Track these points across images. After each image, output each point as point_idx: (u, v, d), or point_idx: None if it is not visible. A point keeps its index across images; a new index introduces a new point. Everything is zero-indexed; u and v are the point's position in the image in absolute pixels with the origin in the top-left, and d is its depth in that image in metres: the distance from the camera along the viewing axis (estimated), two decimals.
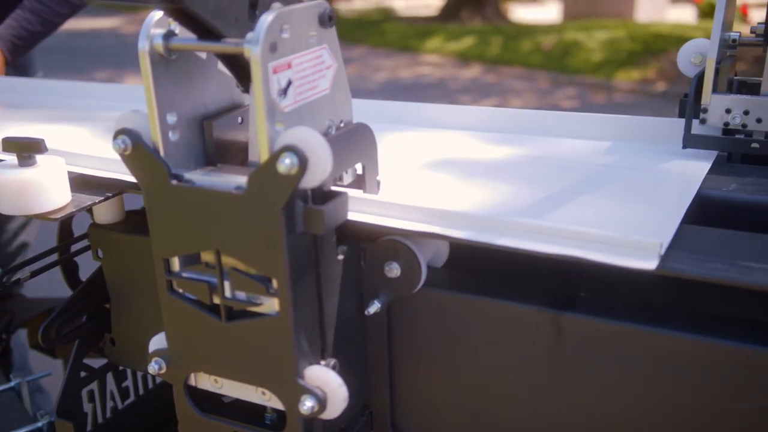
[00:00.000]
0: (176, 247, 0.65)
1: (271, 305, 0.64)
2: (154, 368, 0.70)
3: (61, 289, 1.04)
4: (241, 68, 0.65)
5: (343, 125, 0.69)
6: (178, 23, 0.62)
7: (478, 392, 0.75)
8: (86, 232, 0.91)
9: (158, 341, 0.71)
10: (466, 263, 0.77)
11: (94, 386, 0.97)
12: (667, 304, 0.68)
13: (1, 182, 0.75)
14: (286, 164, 0.57)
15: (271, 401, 0.68)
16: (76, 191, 0.81)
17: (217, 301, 0.65)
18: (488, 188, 0.80)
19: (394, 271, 0.71)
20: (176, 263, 0.66)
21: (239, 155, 0.70)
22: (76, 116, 1.17)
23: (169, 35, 0.61)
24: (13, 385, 1.13)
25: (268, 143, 0.59)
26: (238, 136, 0.70)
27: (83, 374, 0.95)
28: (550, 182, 0.81)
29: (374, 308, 0.72)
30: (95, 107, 1.25)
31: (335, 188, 0.65)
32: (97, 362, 0.98)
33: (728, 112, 0.85)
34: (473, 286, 0.73)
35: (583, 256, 0.62)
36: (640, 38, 7.77)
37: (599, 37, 7.97)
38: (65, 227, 1.01)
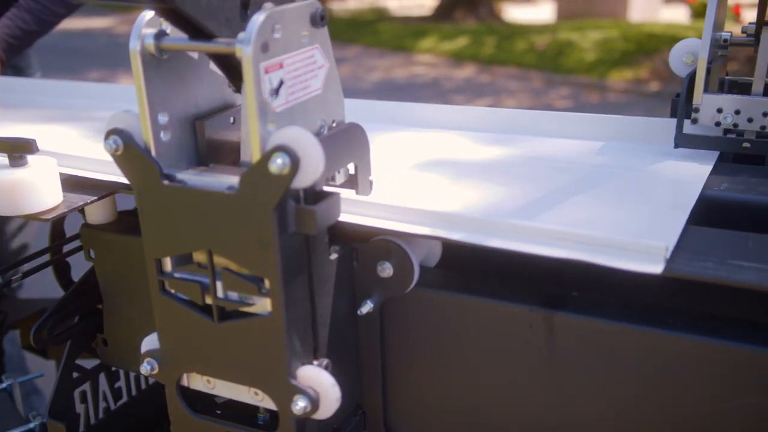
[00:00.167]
0: (168, 247, 0.65)
1: (263, 305, 0.64)
2: (146, 369, 0.70)
3: (53, 289, 1.04)
4: (232, 68, 0.65)
5: (335, 125, 0.69)
6: (169, 23, 0.61)
7: (470, 392, 0.75)
8: (78, 232, 0.90)
9: (150, 342, 0.71)
10: (458, 263, 0.77)
11: (86, 387, 0.97)
12: (660, 303, 0.68)
13: None
14: (278, 164, 0.57)
15: (263, 401, 0.68)
16: (67, 191, 0.80)
17: (209, 301, 0.65)
18: (484, 189, 0.80)
19: (386, 270, 0.71)
20: (168, 263, 0.66)
21: (231, 155, 0.70)
22: (69, 116, 1.17)
23: (160, 35, 0.61)
24: (5, 386, 1.13)
25: (260, 143, 0.59)
26: (230, 136, 0.70)
27: (75, 375, 0.95)
28: (543, 182, 0.81)
29: (367, 308, 0.72)
30: (89, 107, 1.25)
31: (327, 188, 0.65)
32: (89, 363, 0.98)
33: (720, 111, 0.85)
34: (466, 285, 0.73)
35: (587, 259, 0.62)
36: (633, 38, 7.78)
37: (593, 37, 7.98)
38: (57, 228, 1.01)
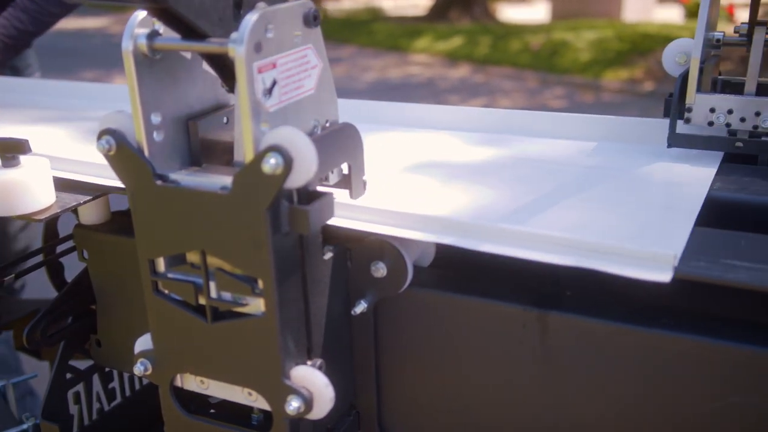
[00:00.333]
0: (161, 247, 0.64)
1: (256, 305, 0.63)
2: (139, 369, 0.70)
3: (46, 290, 1.04)
4: (225, 68, 0.65)
5: (328, 125, 0.69)
6: (162, 23, 0.61)
7: (464, 391, 0.75)
8: (72, 233, 0.90)
9: (144, 342, 0.70)
10: (452, 262, 0.77)
11: (80, 388, 0.97)
12: (653, 302, 0.68)
13: None
14: (271, 164, 0.57)
15: (257, 402, 0.68)
16: (60, 192, 0.80)
17: (202, 301, 0.65)
18: (484, 190, 0.79)
19: (380, 270, 0.71)
20: (161, 264, 0.66)
21: (224, 155, 0.70)
22: (65, 116, 1.17)
23: (153, 35, 0.61)
24: None
25: (253, 143, 0.59)
26: (223, 136, 0.70)
27: (69, 376, 0.95)
28: (538, 184, 0.81)
29: (361, 308, 0.72)
30: (86, 107, 1.24)
31: (321, 188, 0.65)
32: (83, 364, 0.98)
33: (713, 111, 0.85)
34: (459, 285, 0.73)
35: (595, 267, 0.61)
36: (627, 38, 7.80)
37: (587, 36, 8.00)
38: (50, 228, 1.00)
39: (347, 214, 0.71)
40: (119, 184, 0.64)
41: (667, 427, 0.67)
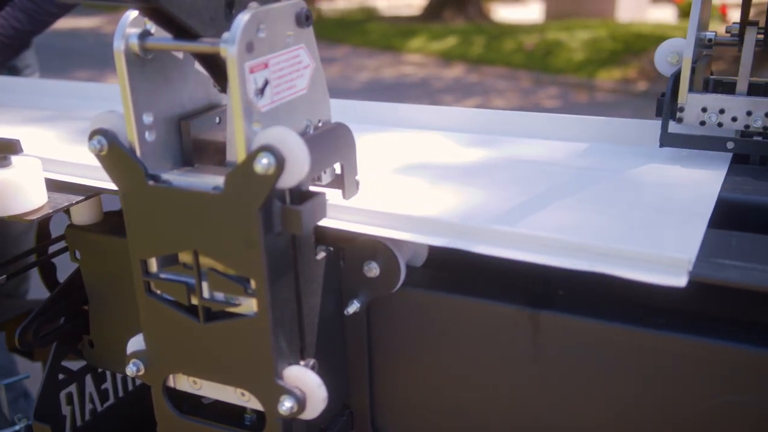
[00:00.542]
0: (154, 248, 0.64)
1: (249, 306, 0.63)
2: (132, 370, 0.70)
3: (39, 290, 1.03)
4: (217, 68, 0.65)
5: (321, 125, 0.69)
6: (153, 23, 0.61)
7: (457, 391, 0.75)
8: (64, 233, 0.90)
9: (136, 343, 0.70)
10: (445, 263, 0.77)
11: (72, 389, 0.96)
12: (646, 301, 0.69)
13: None
14: (263, 164, 0.57)
15: (250, 402, 0.68)
16: (52, 192, 0.80)
17: (195, 302, 0.65)
18: (483, 191, 0.79)
19: (373, 270, 0.71)
20: (154, 264, 0.66)
21: (217, 155, 0.70)
22: (56, 116, 1.16)
23: (144, 35, 0.61)
24: None
25: (245, 143, 0.59)
26: (215, 136, 0.70)
27: (61, 377, 0.95)
28: (529, 185, 0.81)
29: (353, 308, 0.72)
30: (78, 107, 1.24)
31: (314, 188, 0.65)
32: (75, 364, 0.97)
33: (704, 111, 0.86)
34: (452, 285, 0.73)
35: (607, 272, 0.61)
36: (621, 38, 7.81)
37: (581, 36, 8.01)
38: (43, 228, 1.00)
39: (340, 215, 0.71)
40: (111, 184, 0.64)
41: (659, 427, 0.67)
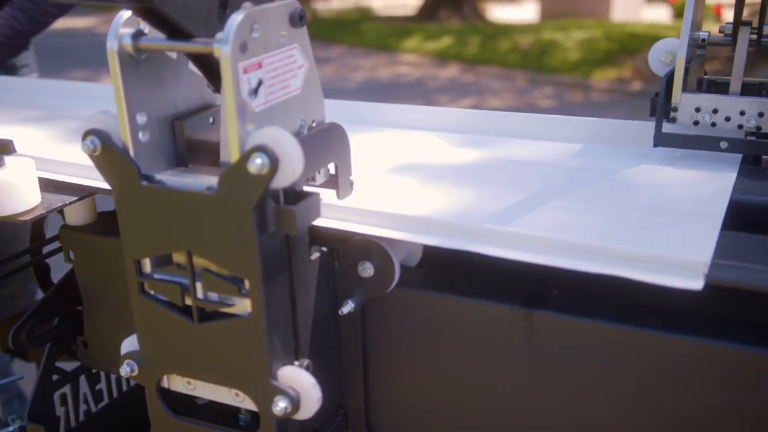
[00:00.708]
0: (147, 248, 0.64)
1: (243, 306, 0.63)
2: (126, 371, 0.70)
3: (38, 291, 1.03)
4: (211, 68, 0.65)
5: (315, 125, 0.69)
6: (147, 23, 0.61)
7: (452, 391, 0.75)
8: (58, 233, 0.90)
9: (130, 343, 0.70)
10: (439, 262, 0.77)
11: (66, 389, 0.96)
12: (641, 301, 0.69)
13: None
14: (256, 164, 0.57)
15: (244, 402, 0.68)
16: (46, 192, 0.80)
17: (189, 302, 0.65)
18: (481, 191, 0.79)
19: (367, 270, 0.71)
20: (148, 265, 0.66)
21: (211, 156, 0.70)
22: (50, 115, 1.16)
23: (138, 35, 0.61)
24: None
25: (238, 143, 0.59)
26: (209, 136, 0.70)
27: (55, 377, 0.94)
28: (523, 185, 0.81)
29: (348, 308, 0.72)
30: (72, 106, 1.23)
31: (308, 188, 0.65)
32: (69, 365, 0.97)
33: (698, 110, 0.86)
34: (446, 285, 0.73)
35: (620, 274, 0.61)
36: (616, 38, 7.83)
37: (576, 36, 8.02)
38: (37, 229, 1.00)
39: (334, 215, 0.71)
40: (105, 184, 0.64)
41: (656, 427, 0.68)
